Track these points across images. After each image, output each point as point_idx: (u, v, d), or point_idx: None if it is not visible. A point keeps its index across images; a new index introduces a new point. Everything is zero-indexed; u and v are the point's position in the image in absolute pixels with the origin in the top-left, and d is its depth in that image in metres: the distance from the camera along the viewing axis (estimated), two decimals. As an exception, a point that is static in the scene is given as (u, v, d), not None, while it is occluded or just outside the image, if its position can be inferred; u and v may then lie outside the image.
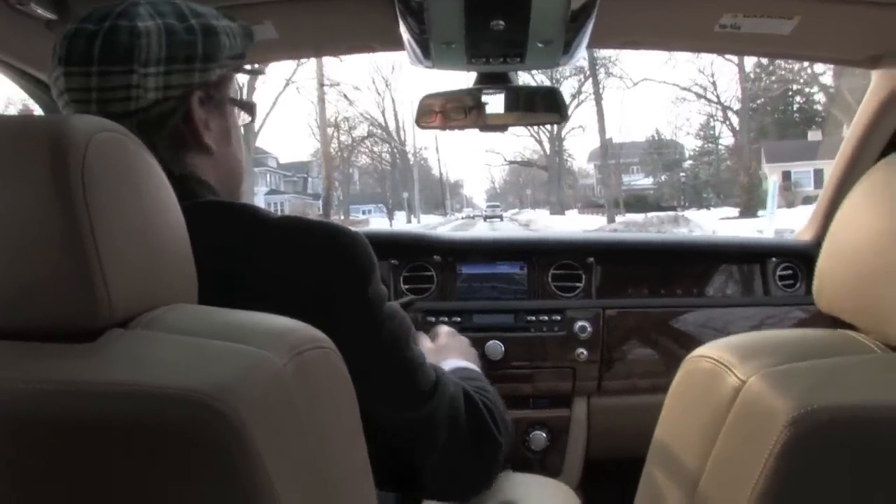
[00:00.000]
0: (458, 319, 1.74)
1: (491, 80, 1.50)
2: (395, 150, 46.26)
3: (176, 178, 0.80)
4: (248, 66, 0.99)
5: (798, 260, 1.92)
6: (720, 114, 36.33)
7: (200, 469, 0.52)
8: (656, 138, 41.21)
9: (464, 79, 1.57)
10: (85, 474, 0.53)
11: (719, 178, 36.33)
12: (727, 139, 37.32)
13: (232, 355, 0.56)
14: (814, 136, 31.48)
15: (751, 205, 25.48)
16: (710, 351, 0.72)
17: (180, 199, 0.70)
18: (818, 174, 28.01)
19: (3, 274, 0.54)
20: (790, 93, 34.44)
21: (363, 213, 49.36)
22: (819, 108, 33.98)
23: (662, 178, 40.31)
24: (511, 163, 50.94)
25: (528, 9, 1.17)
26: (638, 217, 28.92)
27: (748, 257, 1.93)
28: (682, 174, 38.65)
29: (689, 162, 38.65)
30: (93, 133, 0.55)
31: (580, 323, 1.75)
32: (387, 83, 50.02)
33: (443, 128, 1.55)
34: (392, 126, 44.92)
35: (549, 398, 1.78)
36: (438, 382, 0.89)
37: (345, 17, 1.36)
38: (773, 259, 1.91)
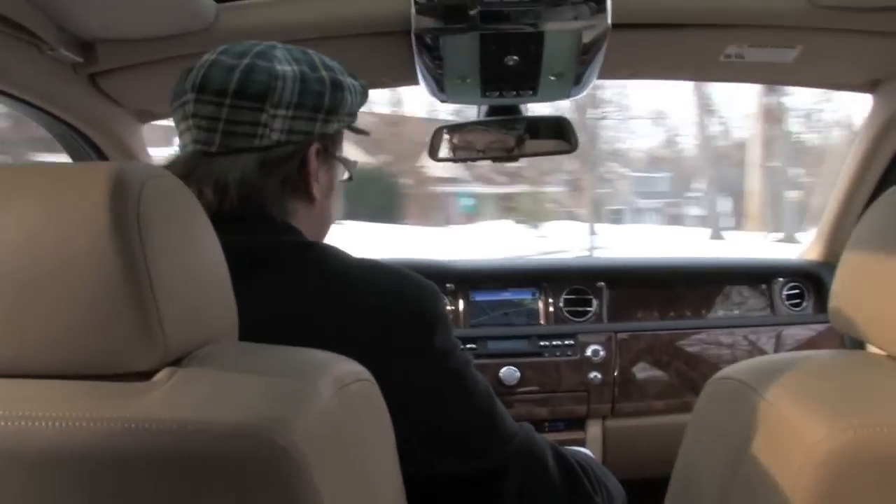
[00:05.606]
0: (473, 346, 1.76)
1: (501, 112, 1.53)
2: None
3: (264, 217, 0.84)
4: (356, 126, 0.97)
5: (804, 279, 1.95)
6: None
7: (261, 502, 0.54)
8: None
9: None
10: None
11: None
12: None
13: (284, 389, 0.57)
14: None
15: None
16: (734, 372, 0.73)
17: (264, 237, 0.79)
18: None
19: (61, 314, 0.55)
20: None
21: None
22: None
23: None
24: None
25: (541, 44, 1.20)
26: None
27: (755, 278, 1.96)
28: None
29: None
30: (146, 178, 0.57)
31: (593, 347, 1.78)
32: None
33: (455, 160, 1.58)
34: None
35: (565, 421, 1.79)
36: (520, 431, 0.88)
37: (361, 53, 1.39)
38: (780, 279, 1.94)
